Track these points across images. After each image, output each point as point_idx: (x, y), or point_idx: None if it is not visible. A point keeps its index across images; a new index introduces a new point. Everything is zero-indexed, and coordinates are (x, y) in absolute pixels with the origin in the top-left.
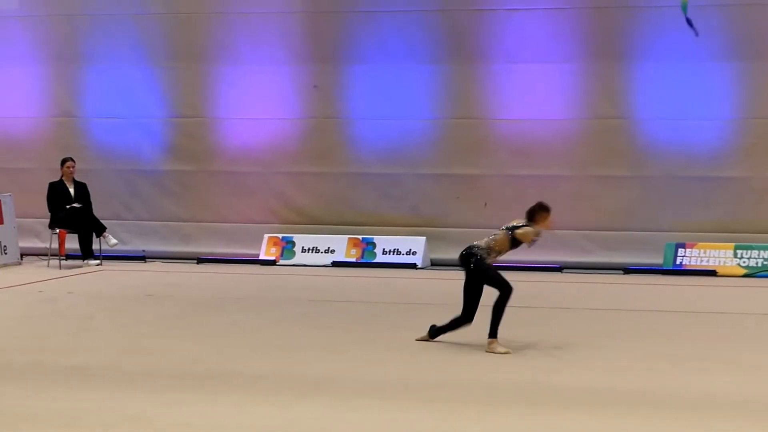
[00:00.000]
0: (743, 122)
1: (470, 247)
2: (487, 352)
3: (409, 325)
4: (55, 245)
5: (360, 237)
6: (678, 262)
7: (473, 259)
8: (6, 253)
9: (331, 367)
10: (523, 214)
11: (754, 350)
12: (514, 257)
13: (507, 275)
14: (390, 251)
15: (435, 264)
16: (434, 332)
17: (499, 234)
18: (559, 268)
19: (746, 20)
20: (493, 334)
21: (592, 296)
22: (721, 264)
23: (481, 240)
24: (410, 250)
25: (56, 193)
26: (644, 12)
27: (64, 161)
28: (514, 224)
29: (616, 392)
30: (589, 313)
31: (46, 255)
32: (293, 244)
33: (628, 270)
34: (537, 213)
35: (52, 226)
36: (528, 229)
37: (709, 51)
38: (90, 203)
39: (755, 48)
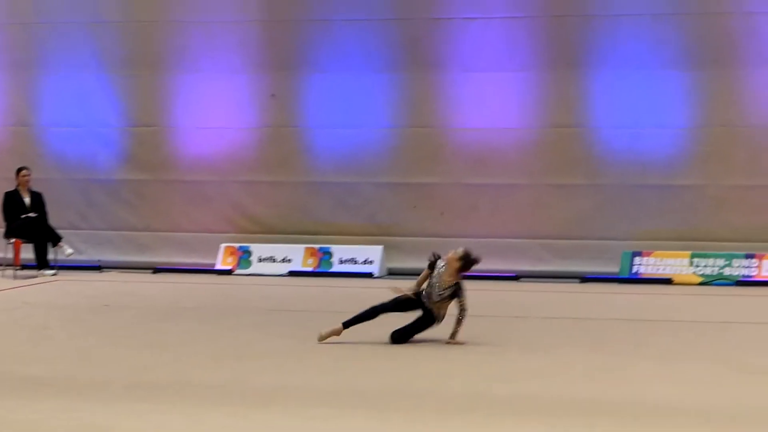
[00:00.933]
0: (698, 131)
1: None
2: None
3: (365, 335)
4: (10, 255)
5: (317, 246)
6: (634, 271)
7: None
8: None
9: (287, 376)
10: (481, 224)
11: (710, 358)
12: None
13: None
14: (347, 260)
15: (392, 273)
16: (397, 337)
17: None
18: (515, 277)
19: (701, 29)
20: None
21: (548, 305)
22: (678, 272)
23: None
24: (367, 259)
25: (11, 202)
26: (600, 21)
27: (19, 170)
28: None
29: (573, 401)
30: (545, 322)
31: (1, 265)
32: (250, 253)
33: (584, 279)
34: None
35: (7, 235)
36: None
37: (665, 60)
38: (45, 213)
39: (710, 56)
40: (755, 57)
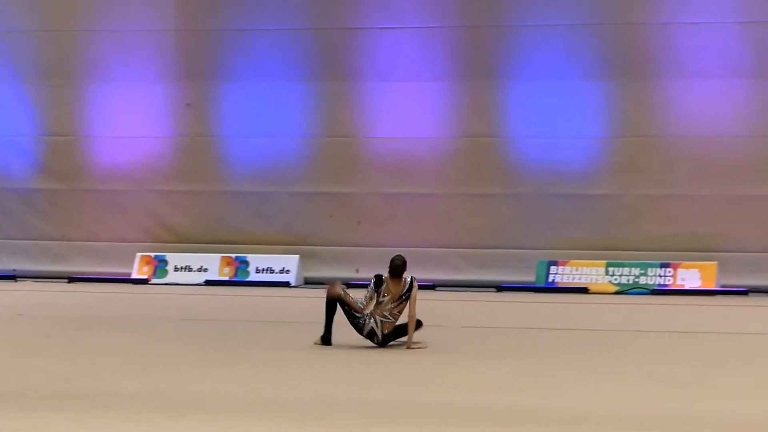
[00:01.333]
0: (614, 140)
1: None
2: None
3: (281, 343)
4: None
5: (233, 256)
6: (550, 280)
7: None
8: None
9: (203, 385)
10: (398, 233)
11: (623, 366)
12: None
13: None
14: (263, 269)
15: (308, 282)
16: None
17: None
18: (432, 286)
19: (616, 40)
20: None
21: (464, 314)
22: (593, 281)
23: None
24: (283, 268)
25: None
26: (515, 31)
27: None
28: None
29: (486, 409)
30: (461, 331)
31: None
32: (166, 262)
33: (500, 288)
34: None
35: None
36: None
37: (580, 70)
38: None
39: (625, 67)
40: (670, 68)
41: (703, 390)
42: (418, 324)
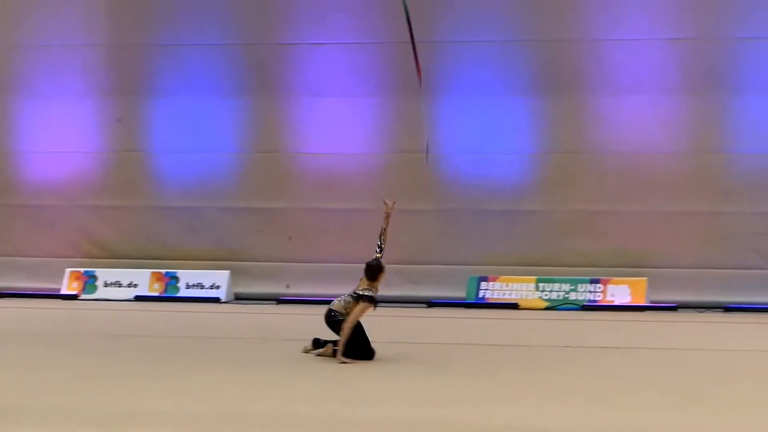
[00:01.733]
0: (544, 156)
1: (330, 310)
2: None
3: (209, 359)
4: None
5: (163, 271)
6: (481, 296)
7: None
8: None
9: (130, 402)
10: (329, 249)
11: (550, 381)
12: (317, 291)
13: (312, 309)
14: (193, 285)
15: (239, 298)
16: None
17: (350, 301)
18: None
19: (547, 56)
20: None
21: (394, 329)
22: (523, 297)
23: (338, 303)
24: (214, 284)
25: None
26: (446, 47)
27: None
28: (360, 292)
29: (413, 424)
30: (390, 347)
31: None
32: (95, 278)
33: (431, 303)
34: (380, 273)
35: None
36: (366, 306)
37: (511, 86)
38: None
39: (556, 83)
40: (601, 83)
41: (629, 404)
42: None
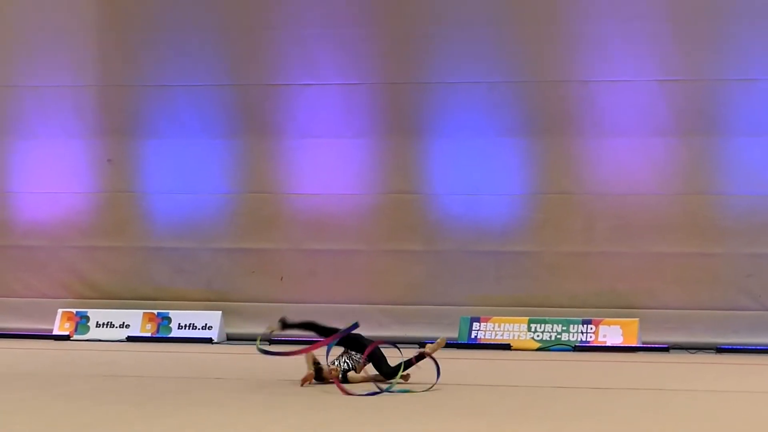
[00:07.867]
0: (534, 197)
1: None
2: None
3: (202, 401)
4: None
5: (155, 312)
6: (473, 336)
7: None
8: None
9: None
10: (320, 289)
11: (542, 420)
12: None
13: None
14: (186, 326)
15: (231, 338)
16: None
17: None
18: None
19: (537, 97)
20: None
21: None
22: (516, 337)
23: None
24: (206, 324)
25: None
26: (436, 89)
27: None
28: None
29: None
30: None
31: None
32: (87, 318)
33: (423, 344)
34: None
35: None
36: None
37: (501, 127)
38: None
39: (546, 124)
40: (590, 125)
41: None
42: None
